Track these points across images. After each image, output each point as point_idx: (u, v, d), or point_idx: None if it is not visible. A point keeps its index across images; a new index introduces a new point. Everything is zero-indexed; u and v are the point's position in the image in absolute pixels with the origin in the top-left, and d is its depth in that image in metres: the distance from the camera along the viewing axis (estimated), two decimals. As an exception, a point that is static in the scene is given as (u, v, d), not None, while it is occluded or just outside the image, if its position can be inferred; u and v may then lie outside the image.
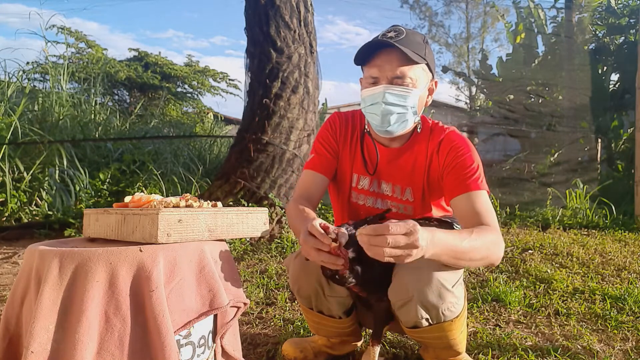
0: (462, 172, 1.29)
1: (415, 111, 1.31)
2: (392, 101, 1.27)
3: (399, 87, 1.26)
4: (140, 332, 0.97)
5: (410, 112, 1.30)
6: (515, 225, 3.99)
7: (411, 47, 1.25)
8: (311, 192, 1.40)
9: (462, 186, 1.27)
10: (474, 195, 1.25)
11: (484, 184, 1.29)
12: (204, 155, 5.99)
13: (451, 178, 1.31)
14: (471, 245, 1.10)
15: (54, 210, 3.87)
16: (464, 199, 1.26)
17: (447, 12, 16.60)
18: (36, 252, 1.04)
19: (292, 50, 3.58)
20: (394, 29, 1.30)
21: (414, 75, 1.27)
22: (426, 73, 1.31)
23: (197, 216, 1.13)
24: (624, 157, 6.40)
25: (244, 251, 2.95)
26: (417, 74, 1.28)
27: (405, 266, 1.19)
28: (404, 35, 1.27)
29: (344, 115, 1.49)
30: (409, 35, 1.28)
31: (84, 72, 6.96)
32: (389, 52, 1.25)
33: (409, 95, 1.27)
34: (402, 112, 1.29)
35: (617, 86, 6.92)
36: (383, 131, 1.33)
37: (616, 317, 1.89)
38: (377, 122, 1.32)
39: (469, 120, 9.17)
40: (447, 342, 1.29)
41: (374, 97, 1.29)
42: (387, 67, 1.26)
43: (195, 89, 11.51)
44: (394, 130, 1.32)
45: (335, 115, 1.50)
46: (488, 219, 1.22)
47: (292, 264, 1.36)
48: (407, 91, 1.27)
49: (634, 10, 6.62)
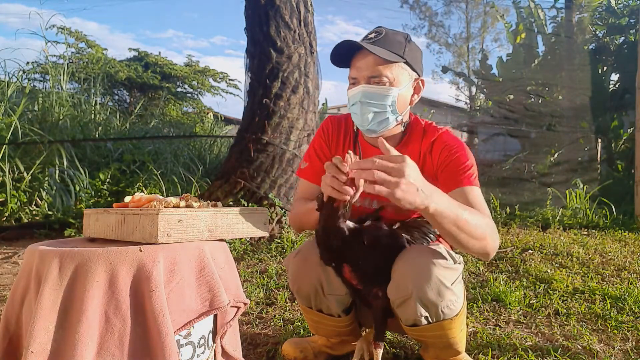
0: (456, 169, 1.29)
1: (394, 110, 1.30)
2: (368, 100, 1.28)
3: (375, 86, 1.27)
4: (140, 332, 0.97)
5: (389, 111, 1.30)
6: (515, 225, 3.99)
7: (388, 46, 1.26)
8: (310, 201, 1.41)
9: (456, 181, 1.27)
10: (467, 190, 1.25)
11: (477, 181, 1.30)
12: (204, 155, 5.99)
13: (445, 175, 1.31)
14: (472, 218, 1.10)
15: (54, 210, 3.87)
16: (457, 194, 1.25)
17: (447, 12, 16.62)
18: (36, 252, 1.04)
19: (292, 50, 3.58)
20: (376, 30, 1.32)
21: (391, 75, 1.27)
22: (407, 72, 1.31)
23: (197, 216, 1.13)
24: (624, 157, 6.40)
25: (244, 251, 2.95)
26: (396, 72, 1.28)
27: (405, 263, 1.20)
28: (383, 35, 1.28)
29: (336, 119, 1.50)
30: (389, 35, 1.29)
31: (84, 72, 6.97)
32: (365, 53, 1.26)
33: (386, 94, 1.27)
34: (379, 111, 1.29)
35: (617, 86, 6.92)
36: (365, 130, 1.34)
37: (616, 317, 1.89)
38: (358, 121, 1.33)
39: (469, 120, 9.17)
40: (447, 341, 1.29)
41: (353, 96, 1.31)
42: (363, 67, 1.27)
43: (195, 89, 11.51)
44: (375, 129, 1.32)
45: (327, 120, 1.51)
46: (483, 211, 1.23)
47: (291, 263, 1.36)
48: (384, 90, 1.27)
49: (634, 10, 6.62)
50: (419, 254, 1.21)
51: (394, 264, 1.22)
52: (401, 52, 1.28)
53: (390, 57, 1.25)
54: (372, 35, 1.30)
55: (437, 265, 1.17)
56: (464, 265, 2.65)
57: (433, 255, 1.21)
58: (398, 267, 1.21)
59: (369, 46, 1.24)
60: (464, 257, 2.81)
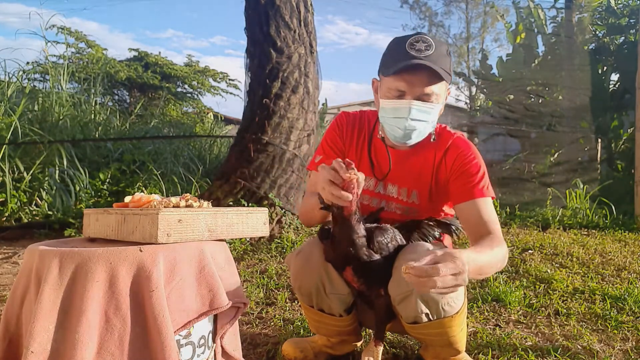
0: (469, 179, 1.32)
1: (434, 124, 1.35)
2: (417, 117, 1.28)
3: (425, 103, 1.27)
4: (140, 332, 0.97)
5: (430, 126, 1.33)
6: (515, 225, 3.99)
7: (440, 62, 1.24)
8: None
9: (468, 193, 1.30)
10: (479, 203, 1.29)
11: (490, 190, 1.33)
12: (204, 155, 5.99)
13: (458, 184, 1.34)
14: (489, 261, 1.15)
15: (54, 210, 3.87)
16: (470, 206, 1.29)
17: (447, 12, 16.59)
18: (36, 252, 1.04)
19: (292, 50, 3.57)
20: (422, 39, 1.26)
21: (438, 91, 1.28)
22: (446, 86, 1.32)
23: (197, 216, 1.13)
24: (624, 157, 6.40)
25: (244, 251, 2.95)
26: (441, 89, 1.29)
27: (405, 260, 1.20)
28: (434, 49, 1.24)
29: (351, 115, 1.50)
30: (438, 48, 1.25)
31: (84, 72, 6.96)
32: (419, 68, 1.23)
33: (433, 111, 1.30)
34: (424, 127, 1.31)
35: (617, 86, 6.92)
36: (402, 143, 1.35)
37: (616, 317, 1.89)
38: (399, 135, 1.32)
39: (469, 120, 9.17)
40: (447, 340, 1.29)
41: (398, 111, 1.28)
42: (417, 83, 1.25)
43: (195, 89, 11.51)
44: (413, 142, 1.35)
45: (342, 115, 1.50)
46: (494, 226, 1.27)
47: (293, 262, 1.36)
48: (432, 107, 1.28)
49: (634, 10, 6.62)
50: (420, 250, 1.21)
51: (395, 261, 1.22)
52: (448, 68, 1.27)
53: (445, 76, 1.25)
54: (422, 46, 1.24)
55: None
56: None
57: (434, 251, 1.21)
58: (399, 264, 1.21)
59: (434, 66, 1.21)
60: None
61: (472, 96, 12.69)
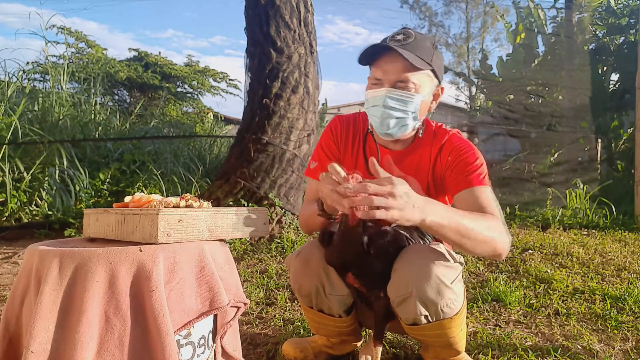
0: (465, 169, 1.29)
1: (415, 116, 1.31)
2: (392, 105, 1.27)
3: (400, 91, 1.26)
4: (140, 332, 0.97)
5: (410, 117, 1.29)
6: (515, 225, 3.99)
7: (418, 52, 1.24)
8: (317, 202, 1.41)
9: (465, 182, 1.27)
10: (477, 190, 1.25)
11: (487, 180, 1.29)
12: (204, 155, 5.99)
13: (454, 175, 1.31)
14: (475, 223, 1.10)
15: (54, 210, 3.86)
16: (467, 194, 1.26)
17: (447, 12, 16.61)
18: (36, 252, 1.04)
19: (292, 50, 3.57)
20: (404, 32, 1.28)
21: (417, 81, 1.26)
22: (431, 79, 1.30)
23: (197, 216, 1.13)
24: (624, 157, 6.40)
25: (244, 251, 2.95)
26: (422, 79, 1.27)
27: (405, 262, 1.20)
28: (413, 38, 1.25)
29: (345, 118, 1.49)
30: (418, 40, 1.26)
31: (84, 72, 6.95)
32: (395, 56, 1.24)
33: (410, 101, 1.27)
34: (401, 117, 1.29)
35: (617, 86, 6.92)
36: (383, 133, 1.33)
37: (616, 317, 1.89)
38: (377, 124, 1.32)
39: (469, 120, 9.16)
40: (447, 340, 1.29)
41: (375, 99, 1.29)
42: (390, 71, 1.25)
43: (195, 89, 11.50)
44: (393, 133, 1.32)
45: (336, 120, 1.50)
46: (492, 210, 1.22)
47: (292, 263, 1.36)
48: (408, 96, 1.26)
49: (634, 10, 6.62)
50: (419, 253, 1.21)
51: (394, 263, 1.22)
52: (429, 59, 1.26)
53: (420, 64, 1.23)
54: (401, 37, 1.26)
55: (437, 264, 1.18)
56: (464, 265, 2.66)
57: (433, 254, 1.21)
58: (398, 266, 1.21)
59: (402, 50, 1.21)
60: (464, 257, 2.82)
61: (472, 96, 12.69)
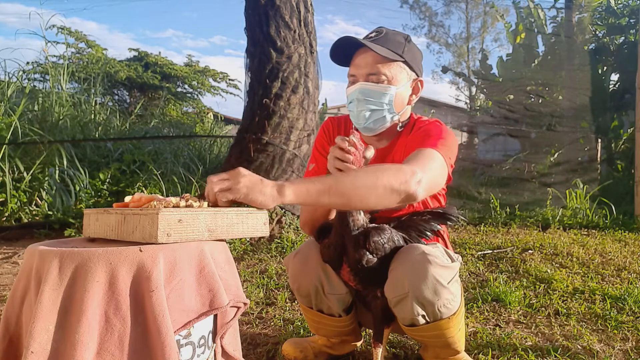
0: (423, 137, 1.27)
1: (391, 108, 1.30)
2: (366, 97, 1.28)
3: (373, 84, 1.27)
4: (140, 332, 0.97)
5: (385, 110, 1.30)
6: (515, 225, 3.99)
7: (388, 45, 1.27)
8: None
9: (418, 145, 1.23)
10: (422, 151, 1.19)
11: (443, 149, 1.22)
12: (204, 155, 5.99)
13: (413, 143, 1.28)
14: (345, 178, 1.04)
15: (54, 210, 3.86)
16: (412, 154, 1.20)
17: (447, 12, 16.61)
18: (36, 252, 1.04)
19: (292, 50, 3.57)
20: (377, 30, 1.33)
21: (389, 73, 1.27)
22: (406, 71, 1.31)
23: (197, 216, 1.13)
24: (624, 157, 6.40)
25: (244, 251, 2.95)
26: (394, 71, 1.28)
27: (401, 262, 1.21)
28: (383, 34, 1.30)
29: (336, 119, 1.51)
30: (389, 35, 1.30)
31: (84, 72, 6.96)
32: (365, 50, 1.27)
33: (383, 92, 1.28)
34: (376, 109, 1.29)
35: (617, 86, 6.92)
36: (362, 128, 1.34)
37: (616, 317, 1.89)
38: (354, 118, 1.34)
39: (469, 120, 9.17)
40: (446, 341, 1.29)
41: (351, 94, 1.31)
42: (362, 65, 1.28)
43: (195, 89, 11.51)
44: (371, 127, 1.33)
45: (328, 121, 1.52)
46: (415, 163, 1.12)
47: (291, 263, 1.36)
48: (381, 88, 1.27)
49: (634, 10, 6.62)
50: (415, 253, 1.21)
51: (391, 263, 1.22)
52: (400, 51, 1.29)
53: (389, 55, 1.25)
54: (373, 35, 1.31)
55: (434, 263, 1.18)
56: (464, 265, 2.66)
57: (429, 254, 1.21)
58: (395, 266, 1.21)
59: (368, 43, 1.25)
60: (463, 257, 2.81)
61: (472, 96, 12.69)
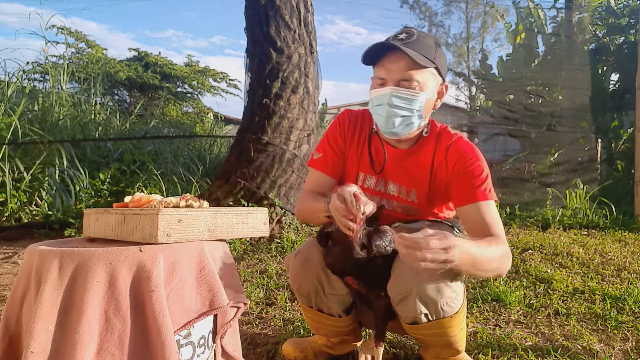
0: (471, 181, 1.30)
1: (420, 115, 1.31)
2: (397, 104, 1.27)
3: (405, 90, 1.26)
4: (140, 332, 0.97)
5: (415, 116, 1.30)
6: (515, 225, 3.99)
7: (421, 50, 1.24)
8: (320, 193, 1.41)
9: (471, 195, 1.29)
10: (482, 206, 1.28)
11: (493, 193, 1.31)
12: (204, 155, 5.98)
13: (460, 186, 1.32)
14: (486, 255, 1.14)
15: (54, 210, 3.86)
16: (473, 209, 1.28)
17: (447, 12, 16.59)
18: (36, 252, 1.04)
19: (292, 50, 3.57)
20: (406, 30, 1.29)
21: (421, 79, 1.26)
22: (435, 77, 1.31)
23: (197, 216, 1.13)
24: (624, 157, 6.40)
25: (244, 251, 2.95)
26: (425, 77, 1.27)
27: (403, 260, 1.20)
28: (415, 37, 1.26)
29: (353, 113, 1.49)
30: (420, 38, 1.27)
31: (84, 72, 6.95)
32: (398, 54, 1.24)
33: (415, 99, 1.27)
34: (407, 115, 1.29)
35: (617, 86, 6.92)
36: (388, 132, 1.33)
37: (616, 317, 1.89)
38: (382, 123, 1.32)
39: (469, 120, 9.16)
40: (447, 340, 1.29)
41: (380, 98, 1.29)
42: (394, 69, 1.25)
43: (195, 89, 11.50)
44: (399, 132, 1.32)
45: (345, 113, 1.50)
46: (497, 229, 1.26)
47: (292, 263, 1.36)
48: (413, 95, 1.26)
49: (634, 10, 6.62)
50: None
51: (394, 262, 1.22)
52: (432, 57, 1.27)
53: (423, 62, 1.24)
54: (403, 36, 1.27)
55: None
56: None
57: None
58: (398, 264, 1.21)
59: (403, 48, 1.22)
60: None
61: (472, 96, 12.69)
